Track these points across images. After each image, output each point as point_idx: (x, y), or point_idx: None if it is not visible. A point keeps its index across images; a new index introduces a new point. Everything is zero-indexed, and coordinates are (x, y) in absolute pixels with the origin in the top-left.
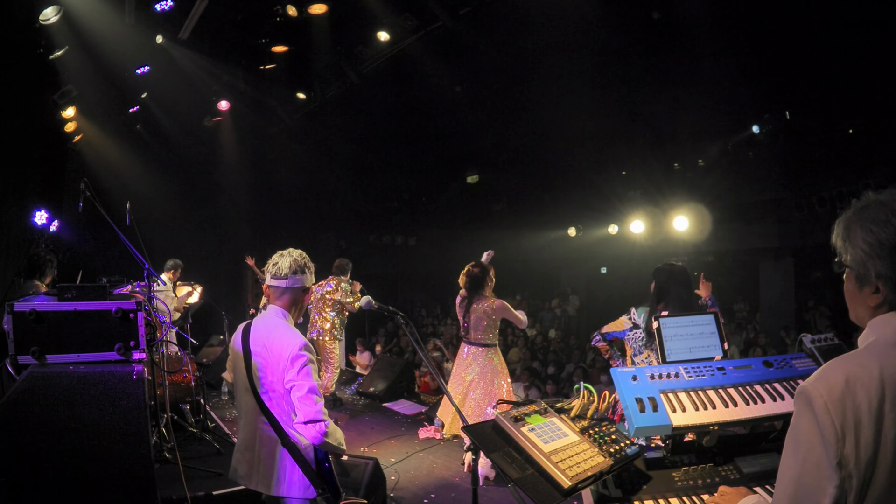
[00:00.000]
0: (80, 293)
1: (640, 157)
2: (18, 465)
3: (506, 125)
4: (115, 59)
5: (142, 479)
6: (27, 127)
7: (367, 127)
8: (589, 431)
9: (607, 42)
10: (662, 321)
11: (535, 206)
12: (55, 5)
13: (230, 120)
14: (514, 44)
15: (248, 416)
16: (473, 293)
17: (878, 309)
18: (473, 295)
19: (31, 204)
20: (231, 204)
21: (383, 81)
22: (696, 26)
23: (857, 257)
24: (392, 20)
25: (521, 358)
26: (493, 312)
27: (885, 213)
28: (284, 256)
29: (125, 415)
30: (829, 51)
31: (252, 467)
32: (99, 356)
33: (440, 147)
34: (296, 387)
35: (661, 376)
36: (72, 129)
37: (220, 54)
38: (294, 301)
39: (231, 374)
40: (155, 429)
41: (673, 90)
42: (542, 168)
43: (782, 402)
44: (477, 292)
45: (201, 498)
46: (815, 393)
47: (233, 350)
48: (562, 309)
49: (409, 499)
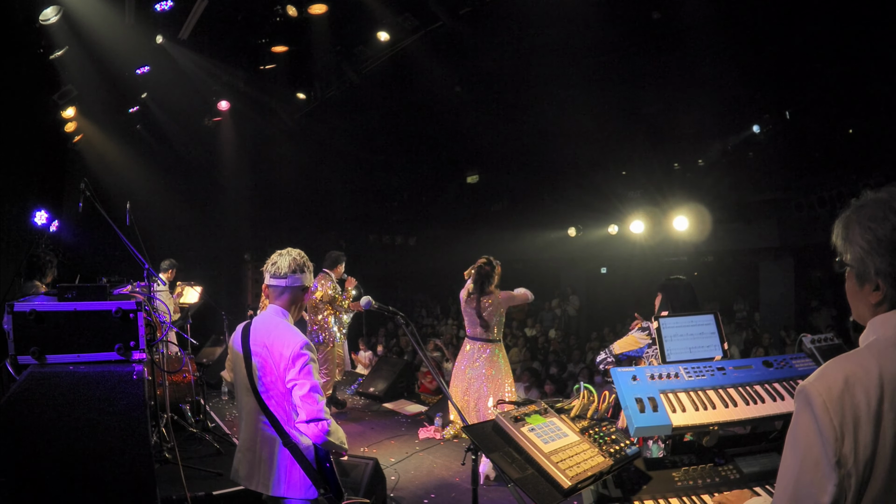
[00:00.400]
0: (80, 293)
1: (640, 157)
2: (18, 465)
3: (506, 125)
4: (115, 59)
5: (142, 479)
6: (27, 127)
7: (367, 127)
8: (589, 431)
9: (607, 42)
10: (662, 321)
11: (535, 206)
12: (55, 5)
13: (230, 120)
14: (514, 44)
15: (248, 416)
16: (481, 288)
17: (879, 306)
18: (481, 289)
19: (31, 204)
20: (231, 204)
21: (383, 81)
22: (696, 26)
23: (857, 255)
24: (392, 20)
25: (522, 358)
26: (500, 304)
27: (883, 210)
28: (283, 256)
29: (125, 415)
30: (828, 51)
31: (253, 468)
32: (99, 356)
33: (440, 147)
34: (297, 385)
35: (661, 376)
36: (72, 129)
37: (220, 54)
38: (293, 300)
39: (230, 373)
40: (155, 429)
41: (673, 90)
42: (542, 168)
43: (782, 402)
44: (485, 287)
45: (201, 498)
46: (815, 392)
47: (232, 350)
48: (562, 309)
49: (409, 499)
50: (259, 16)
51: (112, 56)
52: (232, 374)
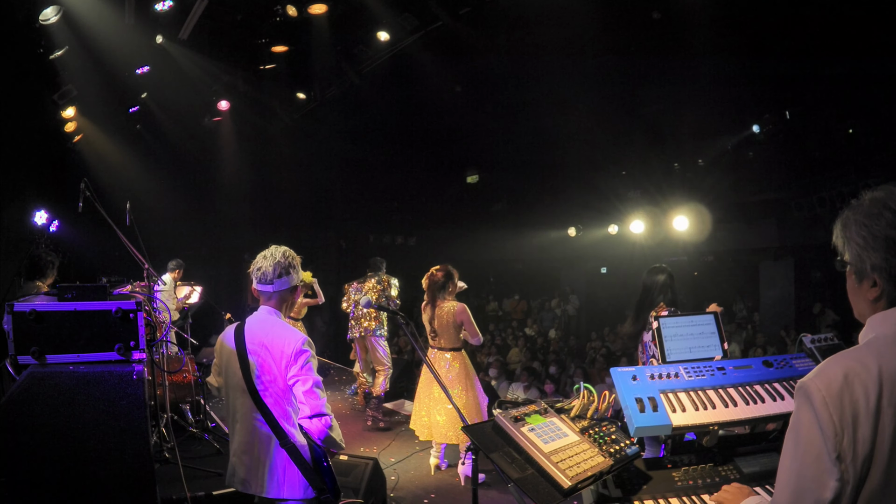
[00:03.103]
0: (80, 293)
1: (640, 157)
2: (18, 465)
3: (506, 125)
4: (115, 59)
5: (142, 478)
6: (27, 127)
7: (367, 127)
8: (589, 431)
9: (607, 42)
10: (662, 321)
11: (535, 206)
12: (55, 5)
13: (230, 120)
14: (514, 44)
15: (244, 418)
16: (434, 297)
17: (877, 302)
18: (434, 299)
19: (31, 204)
20: (231, 204)
21: (383, 81)
22: (696, 26)
23: (854, 252)
24: (392, 20)
25: (522, 358)
26: (454, 316)
27: (878, 207)
28: (268, 259)
29: (125, 415)
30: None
31: (251, 471)
32: (99, 356)
33: (440, 147)
34: (300, 381)
35: (661, 376)
36: (72, 129)
37: (220, 54)
38: (282, 301)
39: (217, 378)
40: (155, 429)
41: (673, 90)
42: (542, 168)
43: (782, 402)
44: (439, 296)
45: (201, 498)
46: (814, 388)
47: (224, 352)
48: (562, 309)
49: (409, 499)
50: (259, 16)
51: (112, 56)
52: (218, 378)
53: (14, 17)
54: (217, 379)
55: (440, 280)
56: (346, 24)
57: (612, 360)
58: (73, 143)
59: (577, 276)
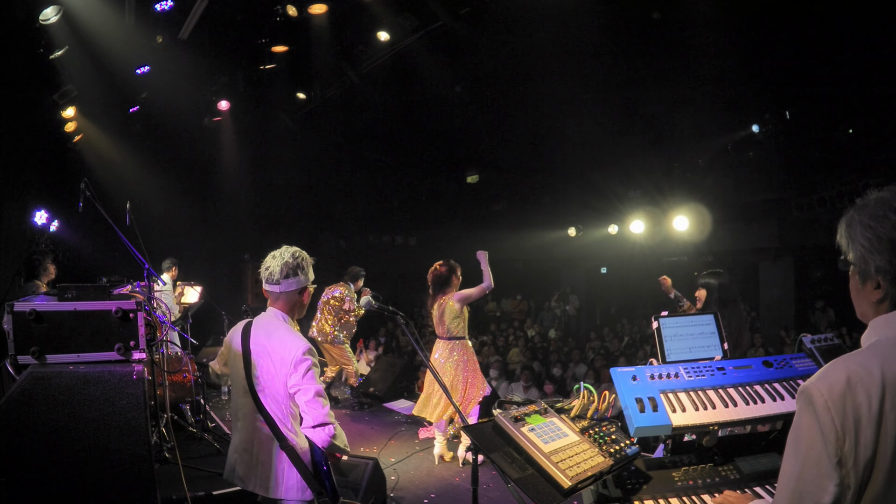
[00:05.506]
0: (80, 293)
1: (640, 157)
2: (18, 465)
3: (506, 125)
4: (115, 59)
5: (142, 478)
6: (27, 127)
7: (367, 127)
8: (589, 431)
9: (608, 42)
10: (662, 321)
11: (535, 206)
12: (55, 5)
13: (230, 120)
14: (515, 44)
15: (246, 417)
16: (438, 291)
17: (880, 304)
18: (438, 293)
19: (31, 204)
20: (231, 204)
21: (383, 81)
22: (696, 26)
23: (858, 253)
24: (392, 20)
25: (522, 358)
26: (456, 303)
27: (884, 208)
28: (276, 258)
29: (125, 415)
30: (828, 51)
31: (250, 468)
32: (99, 356)
33: (440, 147)
34: (301, 391)
35: (661, 376)
36: (72, 129)
37: (220, 54)
38: (291, 303)
39: (220, 365)
40: (155, 429)
41: (673, 90)
42: (542, 168)
43: (782, 402)
44: (442, 290)
45: (201, 498)
46: (816, 392)
47: (230, 348)
48: (562, 309)
49: (409, 499)
50: (259, 16)
51: (112, 56)
52: (223, 367)
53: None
54: (221, 367)
55: (444, 274)
56: (346, 24)
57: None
58: (73, 143)
59: (577, 276)
